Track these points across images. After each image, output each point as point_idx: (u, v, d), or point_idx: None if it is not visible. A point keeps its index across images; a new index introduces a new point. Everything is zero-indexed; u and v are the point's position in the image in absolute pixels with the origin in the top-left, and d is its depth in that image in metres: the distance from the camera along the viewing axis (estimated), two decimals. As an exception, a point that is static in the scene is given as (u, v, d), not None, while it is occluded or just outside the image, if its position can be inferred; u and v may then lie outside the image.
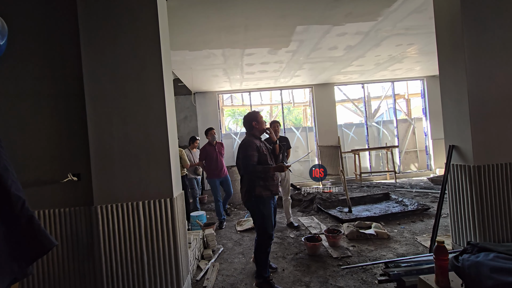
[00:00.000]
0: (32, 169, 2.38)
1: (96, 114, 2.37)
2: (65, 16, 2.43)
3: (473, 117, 2.67)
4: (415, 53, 5.77)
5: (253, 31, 3.92)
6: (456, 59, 2.77)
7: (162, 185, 2.44)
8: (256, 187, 2.60)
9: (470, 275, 1.34)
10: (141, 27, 2.42)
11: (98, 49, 2.38)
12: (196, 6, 3.08)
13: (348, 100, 9.74)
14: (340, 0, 3.23)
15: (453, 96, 2.87)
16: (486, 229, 2.63)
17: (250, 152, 2.60)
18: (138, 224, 2.38)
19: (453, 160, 2.90)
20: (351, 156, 8.39)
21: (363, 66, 6.49)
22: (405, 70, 7.39)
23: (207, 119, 7.88)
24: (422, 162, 8.75)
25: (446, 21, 2.88)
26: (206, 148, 4.90)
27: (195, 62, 5.15)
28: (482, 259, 1.29)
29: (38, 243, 1.02)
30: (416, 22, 4.10)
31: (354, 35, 4.40)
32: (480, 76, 2.68)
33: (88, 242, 2.40)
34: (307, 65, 6.05)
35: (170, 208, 2.42)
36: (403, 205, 4.99)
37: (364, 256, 3.19)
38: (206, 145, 4.94)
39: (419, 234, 3.72)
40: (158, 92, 2.44)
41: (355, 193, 6.46)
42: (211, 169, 4.84)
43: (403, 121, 8.99)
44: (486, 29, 2.68)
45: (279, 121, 4.34)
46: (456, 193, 2.87)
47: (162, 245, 2.40)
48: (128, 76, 2.41)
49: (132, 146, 2.41)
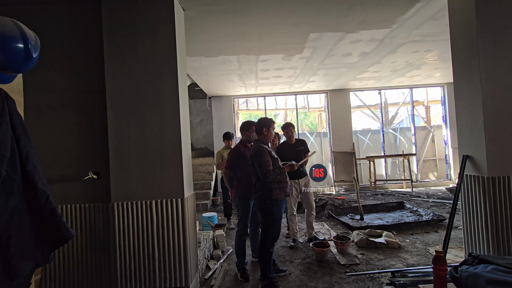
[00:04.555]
0: (57, 167, 2.59)
1: (116, 118, 2.55)
2: (90, 33, 2.66)
3: (488, 126, 2.60)
4: (433, 59, 5.65)
5: (267, 39, 4.02)
6: (471, 67, 2.72)
7: (174, 185, 2.57)
8: (273, 190, 2.64)
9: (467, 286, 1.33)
10: (159, 38, 2.59)
11: (119, 60, 2.58)
12: (212, 15, 3.22)
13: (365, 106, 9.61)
14: (353, 8, 3.26)
15: (467, 104, 2.81)
16: (500, 242, 2.55)
17: (265, 158, 2.62)
18: (151, 221, 2.51)
19: (466, 170, 2.83)
20: (366, 163, 8.26)
21: (379, 72, 6.42)
22: (424, 77, 7.22)
23: (222, 123, 8.05)
24: (441, 171, 8.45)
25: (461, 28, 2.84)
26: (239, 150, 3.18)
27: (211, 68, 5.32)
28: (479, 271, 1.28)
29: (59, 233, 1.15)
30: (433, 29, 4.03)
31: (369, 42, 4.39)
32: (496, 85, 2.61)
33: (104, 236, 2.56)
34: (322, 71, 6.07)
35: (181, 208, 2.54)
36: (418, 215, 4.87)
37: (372, 264, 3.16)
38: (240, 145, 3.25)
39: (432, 245, 3.63)
40: (173, 98, 2.58)
41: (368, 200, 6.35)
42: (243, 183, 3.10)
43: (421, 128, 8.74)
44: (502, 37, 2.62)
45: (293, 124, 4.02)
46: (470, 204, 2.79)
47: (172, 243, 2.52)
48: (145, 83, 2.58)
49: (147, 148, 2.56)
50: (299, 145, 3.82)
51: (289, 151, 3.69)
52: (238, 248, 3.10)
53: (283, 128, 3.95)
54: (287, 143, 3.91)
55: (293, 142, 3.86)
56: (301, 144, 3.86)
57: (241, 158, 3.10)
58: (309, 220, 3.92)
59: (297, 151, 3.69)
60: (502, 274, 1.18)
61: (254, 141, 2.84)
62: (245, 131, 3.21)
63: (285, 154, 3.61)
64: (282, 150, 3.82)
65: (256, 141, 2.80)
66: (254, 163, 2.67)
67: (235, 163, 3.16)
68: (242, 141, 3.27)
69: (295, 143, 3.86)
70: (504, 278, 1.17)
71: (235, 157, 3.17)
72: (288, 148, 3.81)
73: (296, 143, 3.87)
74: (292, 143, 3.86)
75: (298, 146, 3.79)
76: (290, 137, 3.86)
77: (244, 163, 3.00)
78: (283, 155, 3.67)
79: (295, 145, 3.82)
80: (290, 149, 3.75)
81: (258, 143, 2.74)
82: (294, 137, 3.89)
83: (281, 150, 3.84)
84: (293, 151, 3.68)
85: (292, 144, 3.85)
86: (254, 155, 2.66)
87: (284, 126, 3.95)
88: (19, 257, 1.05)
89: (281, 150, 3.83)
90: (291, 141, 3.86)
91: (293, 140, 3.87)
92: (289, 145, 3.85)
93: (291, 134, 3.84)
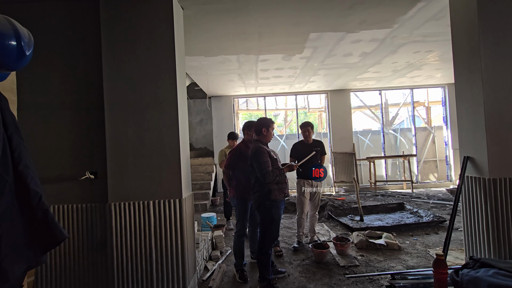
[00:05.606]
0: (54, 167, 2.56)
1: (113, 118, 2.53)
2: (88, 31, 2.63)
3: (490, 128, 2.57)
4: (434, 60, 5.62)
5: (267, 38, 3.99)
6: (473, 67, 2.69)
7: (172, 186, 2.54)
8: (272, 191, 2.62)
9: (468, 290, 1.31)
10: (158, 37, 2.57)
11: (117, 59, 2.55)
12: (211, 14, 3.20)
13: (366, 106, 9.57)
14: (354, 8, 3.24)
15: (469, 105, 2.78)
16: (501, 245, 2.51)
17: (265, 159, 2.60)
18: (148, 222, 2.49)
19: (468, 171, 2.80)
20: (366, 164, 8.23)
21: (380, 72, 6.39)
22: (425, 77, 7.19)
23: (222, 123, 8.03)
24: (441, 173, 8.42)
25: (462, 28, 2.81)
26: (240, 150, 3.13)
27: (211, 67, 5.30)
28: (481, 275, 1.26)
29: (51, 235, 1.12)
30: (434, 29, 4.01)
31: (369, 42, 4.36)
32: (498, 86, 2.59)
33: (101, 236, 2.54)
34: (322, 71, 6.04)
35: (179, 208, 2.52)
36: (418, 216, 4.84)
37: (372, 266, 3.13)
38: (241, 145, 3.21)
39: (432, 247, 3.60)
40: (171, 98, 2.56)
41: (368, 201, 6.32)
42: (242, 184, 3.06)
43: (422, 129, 8.71)
44: (505, 38, 2.59)
45: (312, 124, 3.84)
46: (471, 206, 2.77)
47: (170, 244, 2.50)
48: (143, 83, 2.55)
49: (145, 148, 2.54)
50: (316, 146, 3.70)
51: (304, 151, 3.54)
52: (236, 249, 3.07)
53: (301, 127, 3.87)
54: (304, 142, 3.85)
55: (310, 142, 3.80)
56: (318, 145, 3.76)
57: (242, 158, 3.04)
58: (311, 223, 3.86)
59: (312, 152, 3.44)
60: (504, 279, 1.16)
61: (253, 141, 2.81)
62: (247, 131, 3.17)
63: (300, 153, 3.54)
64: (297, 149, 3.79)
65: (255, 141, 2.77)
66: (253, 164, 2.64)
67: (235, 162, 3.13)
68: (244, 141, 3.21)
69: (312, 143, 3.79)
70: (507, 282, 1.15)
71: (235, 156, 3.13)
72: (304, 147, 3.72)
73: (313, 143, 3.79)
74: (309, 143, 3.80)
75: (315, 147, 3.65)
76: (307, 137, 3.79)
77: (244, 163, 2.94)
78: (297, 154, 3.66)
79: (312, 145, 3.71)
80: (306, 149, 3.62)
81: (257, 143, 2.71)
82: (311, 137, 3.82)
83: (297, 149, 3.81)
84: (308, 151, 3.45)
85: (309, 144, 3.78)
86: (253, 155, 2.63)
87: (302, 125, 3.86)
88: (11, 259, 1.02)
89: (297, 149, 3.80)
90: (308, 141, 3.81)
91: (310, 140, 3.81)
92: (305, 145, 3.79)
93: (308, 134, 3.78)
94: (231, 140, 4.58)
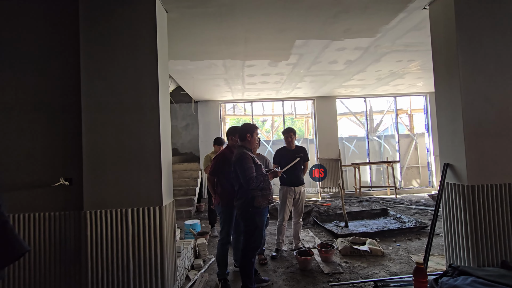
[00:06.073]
0: (26, 173, 2.43)
1: (91, 122, 2.43)
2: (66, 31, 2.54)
3: (468, 136, 2.65)
4: (416, 69, 5.79)
5: (253, 44, 3.99)
6: (451, 78, 2.77)
7: (152, 192, 2.45)
8: (256, 198, 2.58)
9: (448, 299, 1.31)
10: (140, 39, 2.50)
11: (96, 61, 2.47)
12: (197, 18, 3.16)
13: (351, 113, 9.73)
14: (338, 16, 3.29)
15: (448, 114, 2.86)
16: (479, 251, 2.57)
17: (249, 165, 2.56)
18: (126, 231, 2.39)
19: (447, 178, 2.86)
20: (352, 170, 8.33)
21: (365, 80, 6.52)
22: (407, 86, 7.39)
23: (209, 128, 7.94)
24: (424, 178, 8.63)
25: (441, 40, 2.90)
26: (225, 155, 3.05)
27: (197, 72, 5.24)
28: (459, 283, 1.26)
29: (10, 248, 1.03)
30: (416, 39, 4.13)
31: (354, 50, 4.44)
32: (475, 95, 2.67)
33: (75, 246, 2.41)
34: (308, 78, 6.10)
35: (159, 216, 2.43)
36: (401, 222, 4.91)
37: (356, 273, 3.12)
38: (226, 150, 3.14)
39: (415, 253, 3.64)
40: (153, 102, 2.49)
41: (353, 207, 6.38)
42: (227, 191, 2.97)
43: (405, 136, 8.93)
44: (481, 50, 2.69)
45: (294, 130, 3.85)
46: (451, 212, 2.82)
47: (149, 254, 2.40)
48: (124, 86, 2.47)
49: (125, 153, 2.44)
50: (299, 152, 3.70)
51: (287, 157, 3.55)
52: (219, 257, 2.99)
53: (284, 133, 3.85)
54: (287, 148, 3.83)
55: (293, 148, 3.79)
56: (301, 151, 3.75)
57: (226, 164, 2.93)
58: (295, 230, 3.83)
59: (295, 158, 3.46)
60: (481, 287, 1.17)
61: (237, 146, 2.77)
62: (232, 136, 3.10)
63: (284, 159, 3.52)
64: (280, 155, 3.77)
65: (239, 147, 2.73)
66: (236, 170, 2.59)
67: (219, 168, 3.04)
68: (229, 147, 3.15)
69: (295, 149, 3.78)
70: (484, 292, 1.16)
71: (220, 162, 3.05)
72: (287, 153, 3.71)
73: (296, 149, 3.78)
74: (292, 149, 3.78)
75: (298, 153, 3.66)
76: (290, 143, 3.78)
77: (229, 170, 2.83)
78: (280, 160, 3.63)
79: (295, 151, 3.71)
80: (289, 155, 3.62)
81: (241, 149, 2.67)
82: (294, 143, 3.81)
83: (280, 155, 3.79)
84: (291, 157, 3.48)
85: (292, 150, 3.77)
86: (237, 161, 2.59)
87: (285, 131, 3.84)
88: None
89: (280, 155, 3.78)
90: (291, 147, 3.79)
91: (293, 146, 3.79)
92: (288, 151, 3.77)
93: (291, 140, 3.76)
94: (217, 145, 4.52)
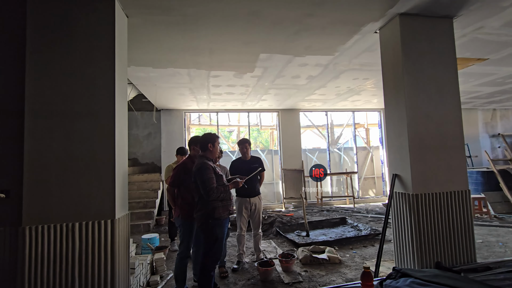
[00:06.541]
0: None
1: (35, 127, 2.23)
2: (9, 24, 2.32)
3: (412, 149, 2.92)
4: (371, 87, 6.28)
5: (218, 55, 4.02)
6: (398, 96, 3.06)
7: (104, 205, 2.30)
8: (216, 209, 2.54)
9: (390, 300, 1.42)
10: (97, 42, 2.40)
11: (45, 61, 2.30)
12: (160, 26, 3.11)
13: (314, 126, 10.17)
14: (299, 34, 3.46)
15: (396, 129, 3.13)
16: (423, 254, 2.80)
17: (209, 175, 2.52)
18: (72, 247, 2.19)
19: (396, 188, 3.10)
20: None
21: (325, 95, 6.89)
22: (364, 102, 7.96)
23: (172, 137, 7.71)
24: (379, 188, 9.24)
25: (390, 62, 3.20)
26: (186, 166, 2.99)
27: (160, 80, 5.11)
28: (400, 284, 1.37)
29: None
30: (370, 60, 4.49)
31: (315, 66, 4.69)
32: (418, 113, 2.97)
33: (10, 266, 2.14)
34: (273, 91, 6.28)
35: (110, 230, 2.28)
36: (358, 230, 5.16)
37: (314, 281, 3.20)
38: (187, 161, 3.08)
39: (369, 259, 3.84)
40: (108, 108, 2.37)
41: (315, 217, 6.57)
42: (187, 202, 2.91)
43: (362, 148, 9.53)
44: (422, 72, 3.01)
45: (249, 140, 3.90)
46: (399, 219, 3.04)
47: (98, 272, 2.22)
48: (76, 90, 2.33)
49: (74, 162, 2.27)
50: (254, 162, 3.70)
51: (243, 168, 3.56)
52: (178, 272, 2.87)
53: (239, 144, 3.85)
54: (242, 159, 3.83)
55: (248, 159, 3.79)
56: (256, 162, 3.74)
57: (188, 174, 2.87)
58: (255, 241, 3.81)
59: (251, 168, 3.49)
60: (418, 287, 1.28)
61: (198, 156, 2.72)
62: (194, 146, 3.07)
63: (239, 170, 3.51)
64: (235, 167, 3.73)
65: (200, 157, 2.69)
66: (196, 180, 2.54)
67: (180, 179, 2.97)
68: (191, 157, 3.10)
69: (250, 160, 3.78)
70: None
71: (181, 173, 2.98)
72: (242, 164, 3.71)
73: (251, 160, 3.78)
74: (247, 159, 3.79)
75: (253, 163, 3.67)
76: (245, 154, 3.78)
77: (190, 180, 2.77)
78: (236, 172, 3.58)
79: (250, 162, 3.72)
80: (244, 166, 3.62)
81: (202, 159, 2.63)
82: (249, 153, 3.81)
83: (235, 166, 3.75)
84: (247, 168, 3.51)
85: (247, 160, 3.77)
86: (197, 171, 2.54)
87: (240, 142, 3.85)
88: None
89: (235, 167, 3.74)
90: (246, 157, 3.79)
91: (248, 157, 3.79)
92: (244, 162, 3.77)
93: (246, 151, 3.77)
94: (180, 155, 4.40)
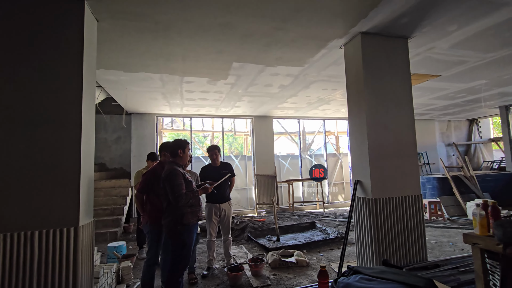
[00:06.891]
0: None
1: (-8, 130, 2.12)
2: None
3: (372, 157, 3.16)
4: (339, 97, 6.63)
5: (191, 62, 4.06)
6: (360, 107, 3.30)
7: (67, 211, 2.24)
8: (185, 215, 2.54)
9: (342, 295, 1.55)
10: (64, 44, 2.36)
11: (6, 59, 2.20)
12: (131, 31, 3.10)
13: (287, 133, 10.44)
14: (270, 46, 3.62)
15: (358, 138, 3.37)
16: (381, 254, 3.02)
17: (179, 181, 2.52)
18: (31, 257, 2.10)
19: (358, 193, 3.33)
20: (286, 186, 8.82)
21: (297, 103, 7.15)
22: (333, 111, 8.35)
23: (143, 142, 7.53)
24: (347, 193, 9.66)
25: (353, 75, 3.45)
26: (156, 172, 2.93)
27: (131, 83, 5.01)
28: (351, 281, 1.51)
29: None
30: (336, 72, 4.78)
31: (286, 76, 4.89)
32: (376, 123, 3.23)
33: (-43, 281, 2.00)
34: (246, 98, 6.40)
35: (73, 238, 2.22)
36: (326, 234, 5.38)
37: (282, 284, 3.30)
38: (158, 167, 3.03)
39: (335, 261, 4.03)
40: (75, 112, 2.33)
41: (286, 221, 6.72)
42: (157, 209, 2.88)
43: (332, 155, 9.95)
44: (381, 87, 3.29)
45: (219, 147, 3.94)
46: (360, 222, 3.26)
47: (58, 283, 2.15)
48: (39, 92, 2.27)
49: (35, 168, 2.19)
50: (224, 168, 3.74)
51: (213, 174, 3.57)
52: (145, 279, 2.83)
53: (208, 151, 3.86)
54: (212, 165, 3.85)
55: (218, 165, 3.82)
56: (226, 168, 3.79)
57: (158, 181, 2.82)
58: (225, 246, 3.84)
59: (221, 174, 3.52)
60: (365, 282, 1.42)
61: (168, 162, 2.73)
62: (165, 152, 3.03)
63: (208, 177, 3.52)
64: (205, 173, 3.74)
65: (170, 163, 2.69)
66: (165, 186, 2.55)
67: (149, 186, 2.94)
68: (161, 162, 3.07)
69: (220, 166, 3.81)
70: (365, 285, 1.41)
71: (150, 179, 2.95)
72: (212, 170, 3.73)
73: (220, 166, 3.81)
74: (217, 165, 3.81)
75: (223, 169, 3.70)
76: (214, 160, 3.80)
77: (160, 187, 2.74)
78: (206, 178, 3.57)
79: (220, 168, 3.75)
80: (214, 172, 3.64)
81: (172, 165, 2.65)
82: (219, 160, 3.85)
83: (205, 173, 3.75)
84: (217, 174, 3.53)
85: (217, 166, 3.80)
86: (166, 178, 2.54)
87: (210, 148, 3.86)
88: None
89: (205, 173, 3.74)
90: (216, 164, 3.82)
91: (218, 163, 3.82)
92: (213, 168, 3.79)
93: (215, 157, 3.80)
94: (151, 161, 4.30)
